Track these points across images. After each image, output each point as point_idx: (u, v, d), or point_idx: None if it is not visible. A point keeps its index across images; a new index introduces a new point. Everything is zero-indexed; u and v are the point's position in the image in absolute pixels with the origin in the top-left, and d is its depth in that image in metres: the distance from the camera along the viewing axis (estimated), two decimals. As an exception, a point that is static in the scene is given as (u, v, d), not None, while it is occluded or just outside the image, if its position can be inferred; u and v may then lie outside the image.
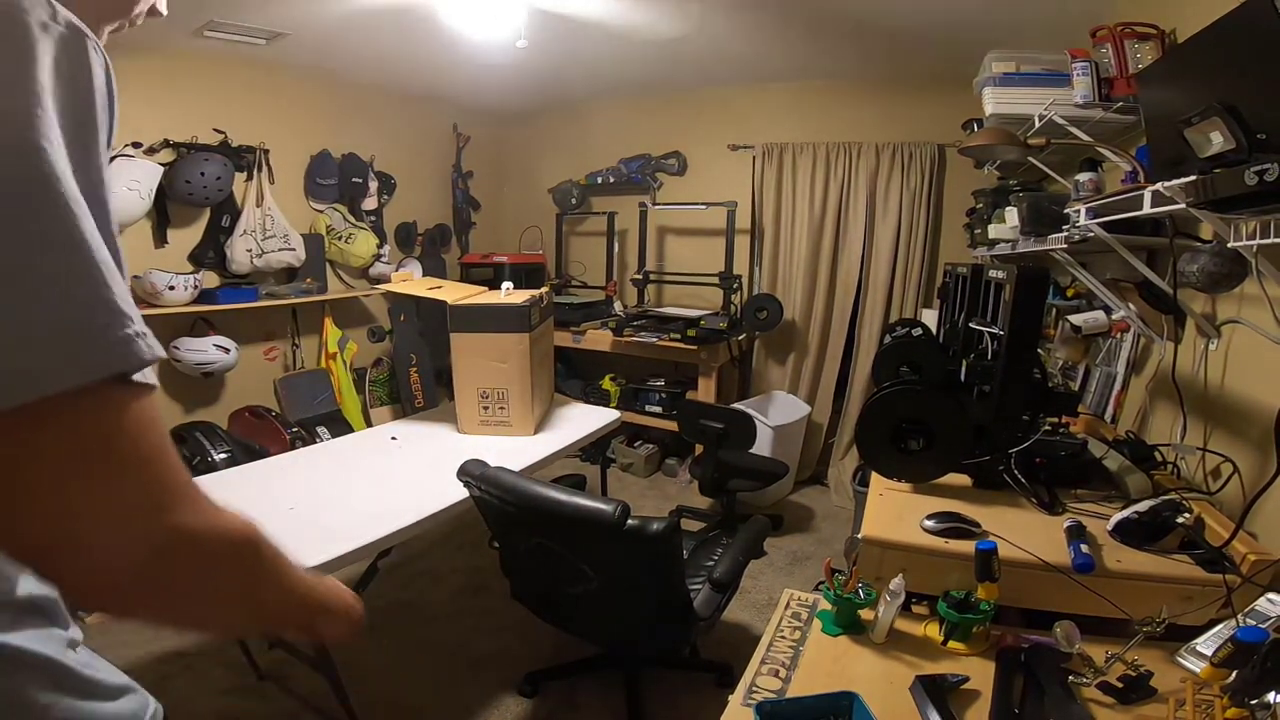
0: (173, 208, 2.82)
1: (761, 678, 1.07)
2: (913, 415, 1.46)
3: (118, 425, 0.40)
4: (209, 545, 0.46)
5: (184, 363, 2.75)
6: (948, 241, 3.41)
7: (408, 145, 3.89)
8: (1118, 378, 2.07)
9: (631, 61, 3.23)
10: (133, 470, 0.41)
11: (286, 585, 0.57)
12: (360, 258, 3.49)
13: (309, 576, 0.62)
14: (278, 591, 0.56)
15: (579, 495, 1.44)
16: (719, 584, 1.69)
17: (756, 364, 3.83)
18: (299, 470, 1.90)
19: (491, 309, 2.17)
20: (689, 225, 3.98)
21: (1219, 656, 0.92)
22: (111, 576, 0.41)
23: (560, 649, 2.14)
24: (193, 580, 0.46)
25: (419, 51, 2.96)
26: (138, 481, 0.41)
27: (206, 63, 2.88)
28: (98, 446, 0.39)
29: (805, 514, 3.33)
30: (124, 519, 0.40)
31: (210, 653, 2.08)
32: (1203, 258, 1.42)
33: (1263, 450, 1.37)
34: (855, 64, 3.19)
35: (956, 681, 1.03)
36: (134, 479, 0.41)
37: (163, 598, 0.45)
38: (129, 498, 0.40)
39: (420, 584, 2.56)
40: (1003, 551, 1.18)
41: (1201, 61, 1.23)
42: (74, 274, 0.37)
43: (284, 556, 0.55)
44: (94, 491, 0.39)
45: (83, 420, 0.38)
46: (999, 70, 2.12)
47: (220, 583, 0.49)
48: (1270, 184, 0.90)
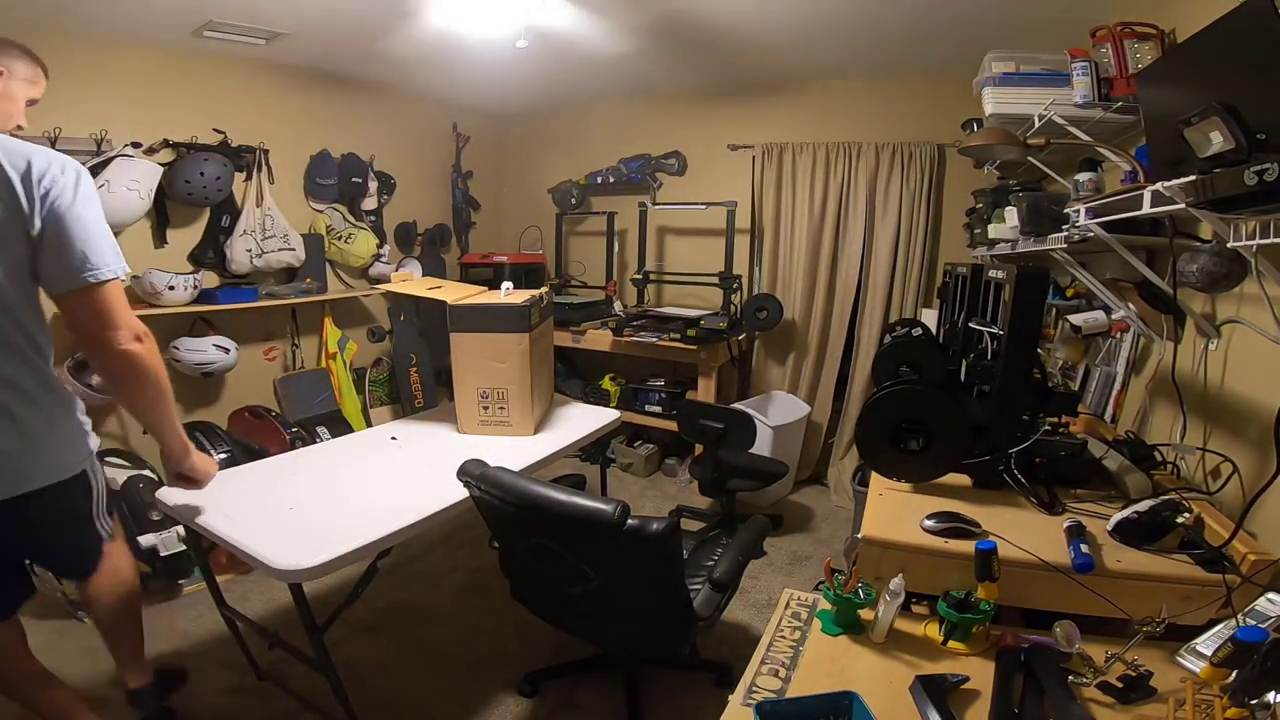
0: (172, 208, 2.82)
1: (761, 677, 1.07)
2: (912, 415, 1.46)
3: (120, 291, 1.24)
4: (146, 361, 1.26)
5: (184, 363, 2.75)
6: (947, 241, 3.41)
7: (408, 145, 3.89)
8: (1117, 378, 2.07)
9: (631, 61, 3.23)
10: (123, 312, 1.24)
11: (174, 418, 1.40)
12: (360, 258, 3.49)
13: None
14: (170, 417, 1.37)
15: (579, 495, 1.44)
16: (719, 584, 1.69)
17: (756, 364, 3.83)
18: (299, 470, 1.90)
19: (491, 309, 2.17)
20: (689, 225, 3.99)
21: (1219, 656, 0.92)
22: (108, 362, 1.24)
23: (560, 649, 2.14)
24: (135, 378, 1.26)
25: (419, 51, 2.95)
26: (125, 319, 1.24)
27: (206, 63, 2.88)
28: (119, 298, 1.24)
29: (805, 514, 3.33)
30: (116, 334, 1.22)
31: (210, 653, 2.09)
32: (1202, 257, 1.42)
33: (1262, 450, 1.37)
34: (855, 63, 3.18)
35: (956, 681, 1.03)
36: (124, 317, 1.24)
37: (126, 381, 1.26)
38: (122, 323, 1.24)
39: (420, 584, 2.56)
40: (1003, 551, 1.18)
41: (1201, 61, 1.23)
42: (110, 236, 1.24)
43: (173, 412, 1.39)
44: (114, 318, 1.22)
45: (112, 287, 1.22)
46: (999, 70, 2.12)
47: (147, 386, 1.28)
48: (1270, 184, 0.90)
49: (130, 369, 1.25)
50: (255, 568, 1.43)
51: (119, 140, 2.62)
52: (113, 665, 1.72)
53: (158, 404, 1.32)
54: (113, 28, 2.52)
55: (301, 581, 1.42)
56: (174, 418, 1.39)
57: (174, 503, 1.63)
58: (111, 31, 2.55)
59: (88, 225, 1.20)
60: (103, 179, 2.45)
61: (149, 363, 1.27)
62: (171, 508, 1.63)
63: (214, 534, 1.51)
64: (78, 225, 1.18)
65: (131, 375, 1.26)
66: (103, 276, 1.20)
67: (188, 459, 1.48)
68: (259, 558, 1.40)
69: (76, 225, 1.18)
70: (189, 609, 2.32)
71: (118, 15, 2.40)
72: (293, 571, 1.37)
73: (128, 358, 1.23)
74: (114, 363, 1.24)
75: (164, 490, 1.69)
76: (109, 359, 1.23)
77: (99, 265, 1.19)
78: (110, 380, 1.30)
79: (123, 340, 1.22)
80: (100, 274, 1.19)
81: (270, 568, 1.37)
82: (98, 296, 1.20)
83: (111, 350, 1.22)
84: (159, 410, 1.34)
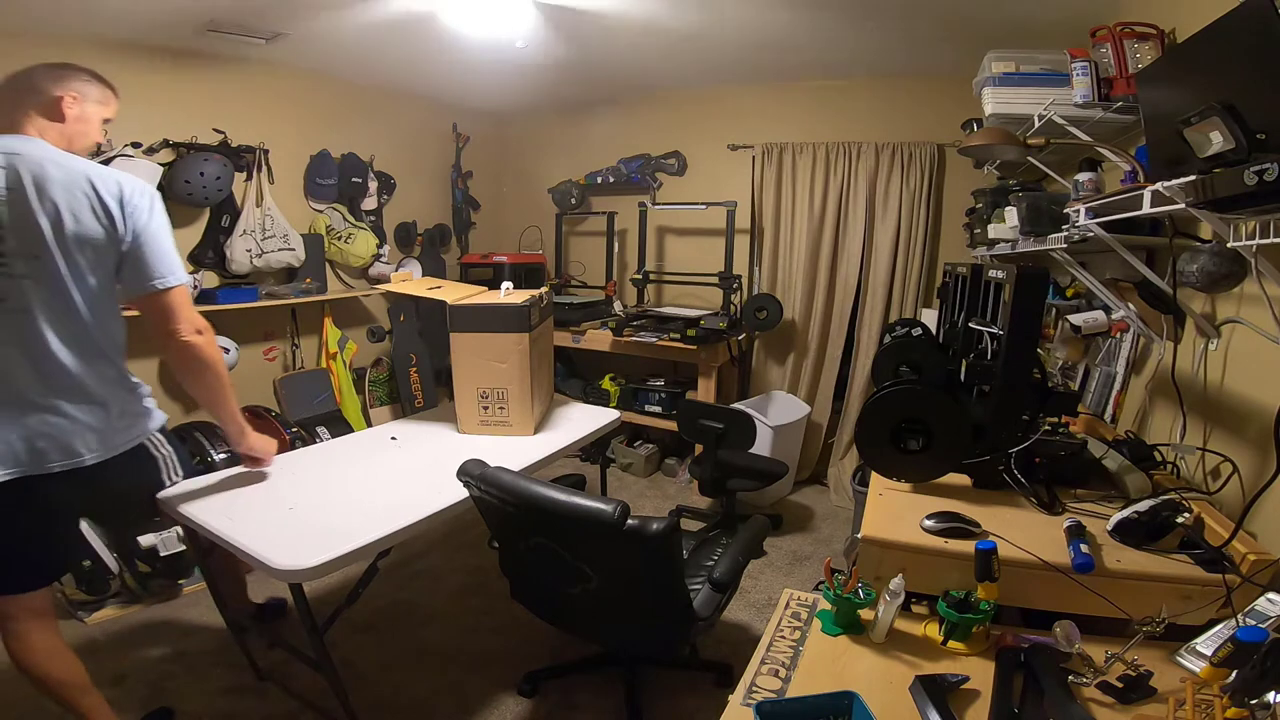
0: (172, 208, 2.77)
1: (761, 677, 1.07)
2: (912, 415, 1.46)
3: (183, 293, 1.47)
4: (205, 352, 1.51)
5: (184, 363, 2.74)
6: (947, 241, 3.41)
7: (407, 145, 3.89)
8: (1117, 377, 2.07)
9: (631, 61, 3.23)
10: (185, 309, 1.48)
11: (232, 404, 1.61)
12: (360, 258, 3.49)
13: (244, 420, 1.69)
14: (227, 402, 1.60)
15: (579, 495, 1.44)
16: (719, 584, 1.69)
17: (756, 364, 3.83)
18: (299, 470, 1.90)
19: (491, 309, 2.17)
20: (689, 225, 3.99)
21: (1219, 656, 0.92)
22: (173, 351, 1.49)
23: (560, 649, 2.14)
24: (196, 365, 1.51)
25: (419, 51, 2.96)
26: (187, 315, 1.48)
27: (206, 63, 2.88)
28: (184, 299, 1.48)
29: (805, 514, 3.34)
30: (180, 327, 1.47)
31: (210, 652, 2.09)
32: (1202, 257, 1.42)
33: (1262, 450, 1.37)
34: (855, 63, 3.19)
35: (956, 681, 1.03)
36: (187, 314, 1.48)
37: (188, 367, 1.52)
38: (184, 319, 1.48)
39: (420, 584, 2.56)
40: (1002, 551, 1.18)
41: (1201, 61, 1.23)
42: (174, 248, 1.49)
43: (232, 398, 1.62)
44: (179, 315, 1.47)
45: (179, 291, 1.47)
46: (998, 70, 2.12)
47: (206, 373, 1.53)
48: (1270, 184, 0.90)
49: (191, 357, 1.51)
50: (255, 568, 1.43)
51: (119, 140, 2.62)
52: (113, 665, 1.71)
53: (215, 390, 1.58)
54: (113, 28, 2.53)
55: (301, 581, 1.42)
56: (231, 403, 1.62)
57: (174, 503, 1.63)
58: (111, 32, 2.55)
59: (160, 241, 1.45)
60: (103, 179, 2.45)
61: (208, 353, 1.52)
62: (171, 508, 1.63)
63: (214, 534, 1.51)
64: (153, 241, 1.44)
65: (193, 363, 1.52)
66: (170, 284, 1.45)
67: (244, 439, 1.71)
68: (259, 558, 1.39)
69: (152, 241, 1.43)
70: (189, 609, 2.32)
71: (118, 15, 2.40)
72: (293, 571, 1.37)
73: (189, 348, 1.49)
74: (178, 352, 1.50)
75: (164, 490, 1.70)
76: (173, 349, 1.49)
77: (167, 274, 1.45)
78: (175, 366, 1.54)
79: (185, 333, 1.48)
80: (168, 281, 1.45)
81: (270, 568, 1.37)
82: (166, 299, 1.45)
83: (176, 341, 1.48)
84: (217, 394, 1.59)
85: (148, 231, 1.43)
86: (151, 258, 1.43)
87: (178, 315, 1.47)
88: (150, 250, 1.43)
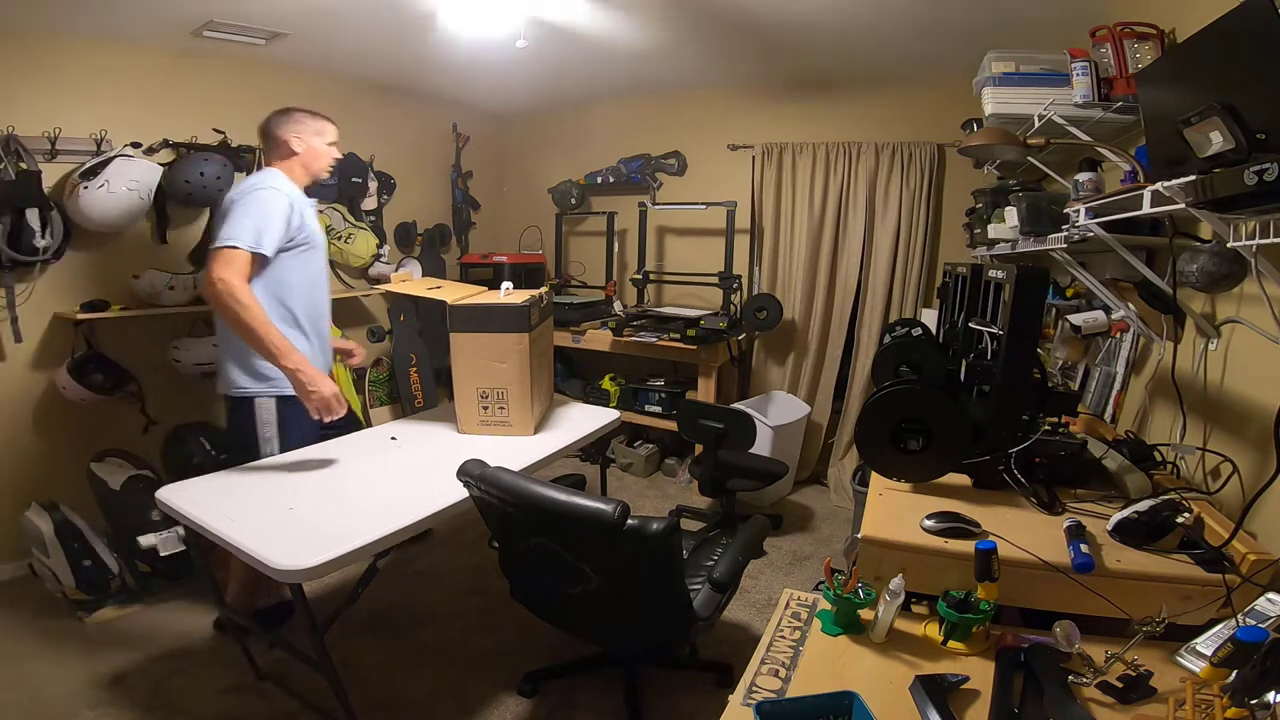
0: (172, 208, 2.82)
1: (761, 677, 1.07)
2: (912, 415, 1.46)
3: (229, 254, 1.81)
4: (222, 296, 1.78)
5: (184, 363, 2.74)
6: (947, 241, 3.41)
7: (407, 145, 3.88)
8: (1117, 377, 2.07)
9: (631, 61, 3.23)
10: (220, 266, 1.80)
11: (259, 342, 1.81)
12: (360, 258, 3.49)
13: (296, 357, 1.84)
14: (257, 341, 1.81)
15: (578, 495, 1.43)
16: (719, 584, 1.69)
17: (756, 364, 3.83)
18: (299, 470, 1.90)
19: (491, 309, 2.16)
20: (689, 225, 3.99)
21: (1219, 656, 0.92)
22: (205, 290, 1.87)
23: (560, 649, 2.14)
24: (218, 306, 1.82)
25: (419, 51, 2.95)
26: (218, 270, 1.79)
27: (206, 63, 2.88)
28: (224, 257, 1.81)
29: (805, 514, 3.34)
30: (212, 275, 1.79)
31: (210, 652, 2.09)
32: (1202, 257, 1.42)
33: (1262, 450, 1.37)
34: (854, 63, 3.18)
35: (956, 681, 1.03)
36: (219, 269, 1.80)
37: (228, 310, 1.79)
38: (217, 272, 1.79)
39: (420, 584, 2.56)
40: (1002, 551, 1.18)
41: (1201, 61, 1.23)
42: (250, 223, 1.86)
43: (274, 337, 1.82)
44: (214, 269, 1.79)
45: (226, 251, 1.82)
46: (998, 70, 2.12)
47: (226, 314, 1.81)
48: (1270, 184, 0.90)
49: (213, 298, 1.81)
50: (255, 568, 1.43)
51: (119, 140, 2.62)
52: (113, 665, 1.70)
53: (239, 329, 1.82)
54: (113, 28, 2.52)
55: (301, 581, 1.42)
56: (261, 341, 1.81)
57: (174, 503, 1.63)
58: (112, 32, 2.55)
59: (237, 217, 1.84)
60: (102, 179, 2.45)
61: (225, 300, 1.79)
62: (172, 508, 1.63)
63: (214, 534, 1.51)
64: (233, 215, 1.85)
65: (215, 304, 1.82)
66: (219, 244, 1.82)
67: (279, 360, 1.84)
68: (259, 558, 1.39)
69: (232, 215, 1.86)
70: (189, 609, 2.32)
71: (118, 15, 2.40)
72: (293, 571, 1.37)
73: (210, 287, 1.80)
74: (206, 290, 1.83)
75: (164, 490, 1.69)
76: (205, 288, 1.84)
77: (226, 239, 1.82)
78: (211, 305, 1.87)
79: (214, 281, 1.79)
80: (220, 243, 1.82)
81: (270, 568, 1.37)
82: (215, 254, 1.82)
83: (207, 281, 1.81)
84: (244, 335, 1.82)
85: (234, 208, 1.87)
86: (223, 226, 1.85)
87: (214, 267, 1.80)
88: (226, 222, 1.86)
